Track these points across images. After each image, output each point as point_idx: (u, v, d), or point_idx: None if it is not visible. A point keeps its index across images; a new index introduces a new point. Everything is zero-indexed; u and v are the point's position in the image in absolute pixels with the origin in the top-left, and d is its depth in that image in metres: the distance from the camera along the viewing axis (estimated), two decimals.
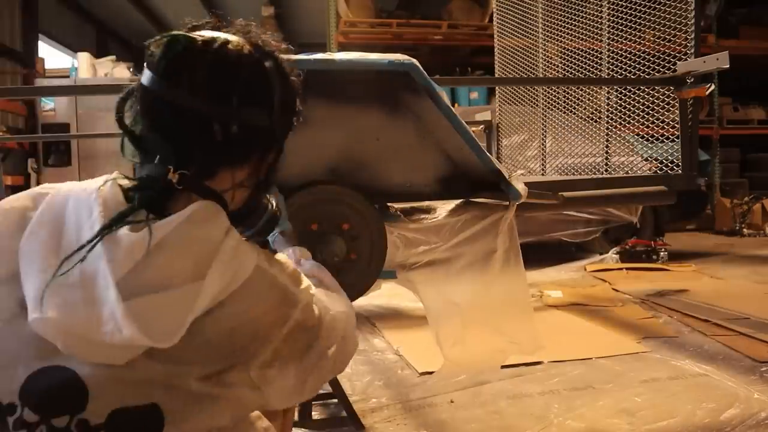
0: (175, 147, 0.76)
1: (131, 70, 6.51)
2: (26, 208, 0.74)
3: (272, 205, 0.95)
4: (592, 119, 3.19)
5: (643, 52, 2.72)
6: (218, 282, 0.70)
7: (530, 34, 3.70)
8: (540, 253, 4.82)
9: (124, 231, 0.69)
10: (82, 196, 0.73)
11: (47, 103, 6.23)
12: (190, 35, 0.80)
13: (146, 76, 0.77)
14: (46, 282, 0.66)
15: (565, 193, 2.04)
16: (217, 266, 0.70)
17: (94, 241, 0.68)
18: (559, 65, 3.43)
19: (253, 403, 0.77)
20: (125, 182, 0.76)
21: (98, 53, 7.26)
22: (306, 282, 0.84)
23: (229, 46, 0.80)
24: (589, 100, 3.22)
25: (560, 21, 3.34)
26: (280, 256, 0.85)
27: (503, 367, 2.32)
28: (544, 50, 3.57)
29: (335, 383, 1.92)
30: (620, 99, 2.90)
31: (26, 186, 6.13)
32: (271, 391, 0.77)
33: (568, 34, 3.29)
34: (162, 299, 0.67)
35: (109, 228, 0.69)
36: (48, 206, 0.73)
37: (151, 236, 0.68)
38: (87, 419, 0.67)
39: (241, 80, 0.78)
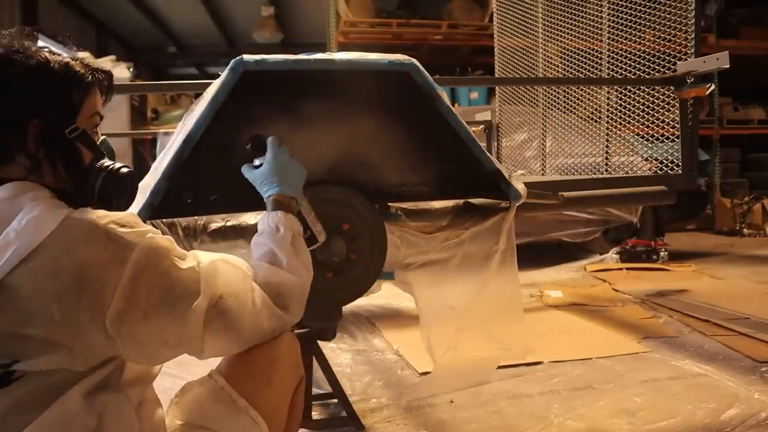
0: None
1: (131, 70, 6.50)
2: None
3: (107, 166, 0.95)
4: (592, 119, 3.19)
5: (643, 52, 2.72)
6: (13, 238, 0.75)
7: (530, 34, 3.70)
8: (540, 253, 4.82)
9: None
10: None
11: None
12: None
13: None
14: None
15: (565, 193, 2.04)
16: (11, 226, 0.76)
17: None
18: (559, 65, 3.43)
19: (108, 354, 0.80)
20: None
21: (98, 53, 7.27)
22: (144, 226, 0.85)
23: None
24: (589, 100, 3.22)
25: (560, 21, 3.35)
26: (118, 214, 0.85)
27: (503, 367, 2.33)
28: (544, 50, 3.58)
29: (335, 383, 1.92)
30: (620, 99, 2.90)
31: None
32: (129, 344, 0.80)
33: (568, 34, 3.29)
34: None
35: None
36: None
37: None
38: None
39: None
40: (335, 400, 1.98)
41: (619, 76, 2.88)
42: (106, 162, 0.95)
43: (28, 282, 0.75)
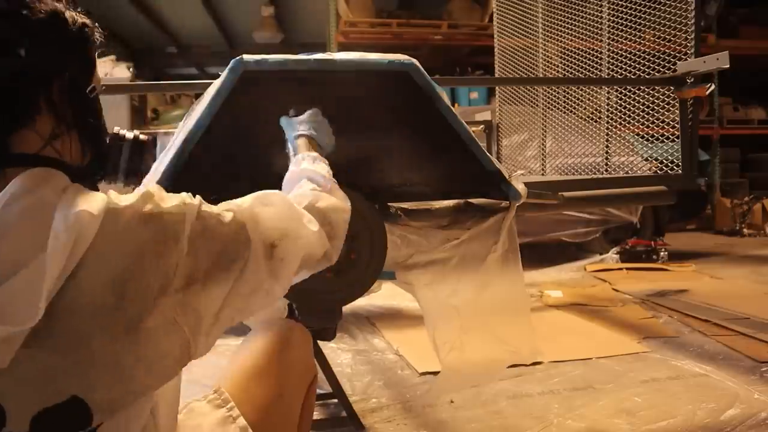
0: None
1: (131, 70, 6.50)
2: None
3: (129, 135, 0.88)
4: (592, 119, 3.19)
5: (643, 52, 2.72)
6: (63, 242, 0.63)
7: (530, 34, 3.70)
8: (540, 253, 4.82)
9: None
10: None
11: None
12: None
13: None
14: None
15: (565, 193, 2.04)
16: (56, 227, 0.64)
17: None
18: (559, 65, 3.43)
19: (173, 349, 0.70)
20: None
21: (98, 53, 7.25)
22: (179, 195, 0.75)
23: None
24: (589, 100, 3.22)
25: (560, 21, 3.34)
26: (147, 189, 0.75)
27: None
28: (544, 50, 3.58)
29: (335, 383, 1.92)
30: (620, 99, 2.90)
31: None
32: (194, 319, 0.71)
33: (568, 34, 3.29)
34: (11, 285, 0.62)
35: None
36: None
37: None
38: (12, 431, 0.63)
39: None
40: (335, 400, 1.98)
41: (619, 76, 2.88)
42: (123, 130, 0.88)
43: (84, 297, 0.64)
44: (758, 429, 1.84)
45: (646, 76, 2.68)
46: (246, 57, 1.36)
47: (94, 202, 0.67)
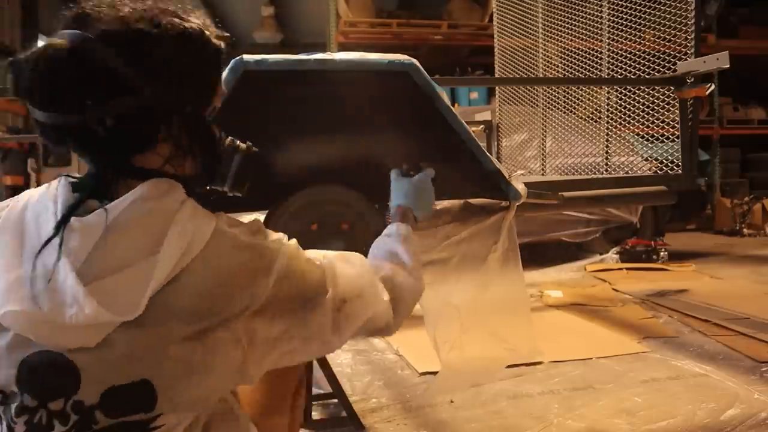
0: (84, 155, 0.78)
1: None
2: None
3: (242, 146, 0.92)
4: (592, 119, 3.19)
5: (643, 52, 2.72)
6: (175, 251, 0.71)
7: (530, 34, 3.70)
8: (540, 253, 4.83)
9: (77, 220, 0.71)
10: (38, 199, 0.76)
11: None
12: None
13: None
14: (10, 280, 0.69)
15: (565, 193, 2.04)
16: (172, 236, 0.71)
17: (51, 235, 0.70)
18: (559, 65, 3.43)
19: (234, 367, 0.76)
20: (75, 179, 0.78)
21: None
22: (279, 235, 0.82)
23: (50, 50, 0.73)
24: (589, 100, 3.22)
25: (560, 21, 3.34)
26: (251, 221, 0.83)
27: None
28: (544, 50, 3.57)
29: (335, 383, 1.92)
30: (620, 99, 2.90)
31: (26, 186, 6.13)
32: (252, 342, 0.75)
33: (568, 34, 3.29)
34: (121, 277, 0.69)
35: (63, 221, 0.71)
36: (6, 217, 0.75)
37: (106, 217, 0.70)
38: (82, 400, 0.69)
39: (76, 81, 0.73)
40: (335, 400, 1.98)
41: (619, 76, 2.88)
42: (237, 141, 0.92)
43: (177, 300, 0.71)
44: (758, 429, 1.84)
45: (646, 76, 2.68)
46: (246, 57, 1.36)
47: (206, 221, 0.75)
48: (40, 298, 0.67)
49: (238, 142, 0.92)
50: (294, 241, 0.84)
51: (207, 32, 0.82)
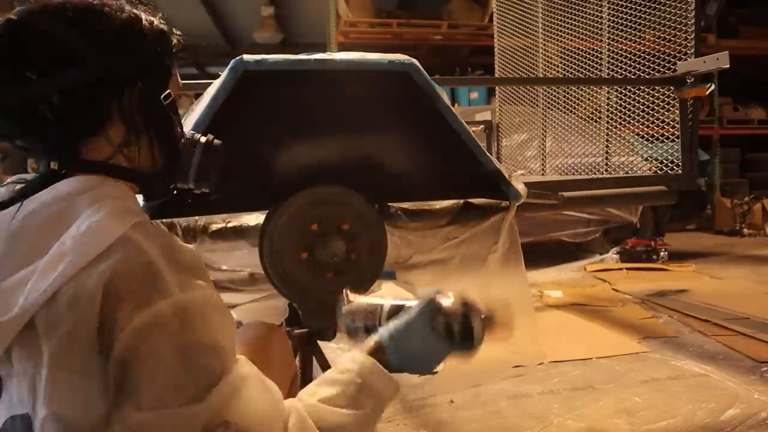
0: (29, 141, 0.75)
1: None
2: None
3: (202, 139, 0.86)
4: (592, 119, 3.19)
5: (643, 52, 2.72)
6: (66, 256, 0.63)
7: (530, 34, 3.70)
8: (540, 253, 4.82)
9: None
10: None
11: None
12: None
13: None
14: None
15: (565, 193, 2.04)
16: (68, 234, 0.64)
17: None
18: (559, 65, 3.43)
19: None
20: (22, 180, 0.75)
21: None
22: (199, 279, 0.68)
23: None
24: (589, 100, 3.22)
25: (560, 21, 3.34)
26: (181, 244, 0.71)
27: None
28: (544, 50, 3.57)
29: None
30: (620, 99, 2.90)
31: None
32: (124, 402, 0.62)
33: (568, 34, 3.29)
34: (13, 280, 0.64)
35: None
36: None
37: (14, 217, 0.67)
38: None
39: (18, 51, 0.71)
40: None
41: (619, 76, 2.88)
42: (197, 134, 0.87)
43: (57, 307, 0.62)
44: (758, 429, 1.84)
45: (646, 76, 2.68)
46: (246, 57, 1.37)
47: (113, 227, 0.65)
48: None
49: (198, 135, 0.87)
50: (222, 307, 0.70)
51: (154, 19, 0.81)
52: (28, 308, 0.62)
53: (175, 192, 0.86)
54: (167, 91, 0.81)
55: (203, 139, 0.87)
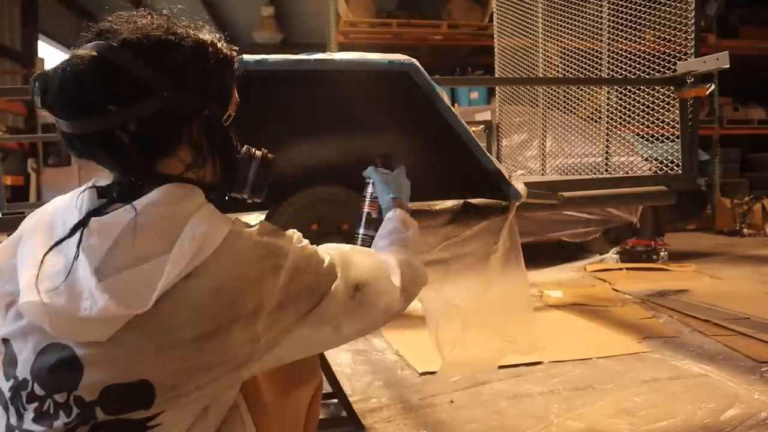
0: (107, 162, 0.81)
1: None
2: (19, 236, 0.83)
3: (258, 154, 0.96)
4: (592, 119, 3.19)
5: (643, 52, 2.72)
6: (187, 251, 0.74)
7: (530, 34, 3.70)
8: (540, 253, 4.82)
9: (96, 221, 0.76)
10: (67, 204, 0.82)
11: None
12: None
13: None
14: (35, 273, 0.74)
15: (565, 193, 2.04)
16: (185, 237, 0.74)
17: (68, 234, 0.75)
18: (559, 65, 3.43)
19: (240, 360, 0.77)
20: (101, 187, 0.82)
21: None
22: (292, 232, 0.85)
23: (76, 59, 0.77)
24: (589, 100, 3.22)
25: (560, 21, 3.34)
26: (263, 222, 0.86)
27: (503, 367, 2.33)
28: (544, 50, 3.57)
29: (335, 383, 1.92)
30: (620, 99, 2.90)
31: (26, 186, 6.13)
32: (274, 340, 0.78)
33: (568, 34, 3.29)
34: (134, 273, 0.73)
35: (82, 222, 0.75)
36: (39, 217, 0.83)
37: (134, 217, 0.74)
38: (82, 396, 0.72)
39: (101, 86, 0.77)
40: (335, 400, 1.98)
41: (619, 76, 2.88)
42: (253, 149, 0.96)
43: (188, 298, 0.73)
44: (758, 429, 1.84)
45: (646, 76, 2.68)
46: (246, 57, 1.36)
47: (220, 223, 0.78)
48: (61, 291, 0.72)
49: (254, 149, 0.96)
50: (306, 241, 0.86)
51: (219, 43, 0.87)
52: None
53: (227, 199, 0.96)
54: (228, 114, 0.89)
55: (258, 153, 0.96)
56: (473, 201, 1.83)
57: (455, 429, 1.89)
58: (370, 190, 1.28)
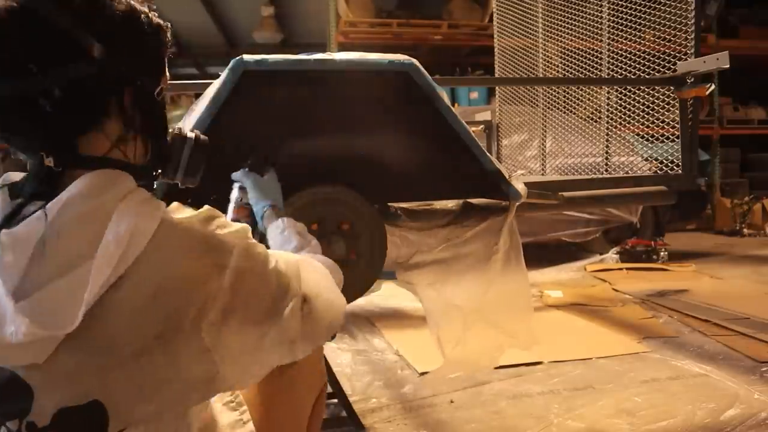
0: (26, 135, 0.72)
1: None
2: None
3: (191, 135, 0.88)
4: (592, 119, 3.19)
5: (643, 52, 2.72)
6: (112, 252, 0.64)
7: (530, 34, 3.70)
8: (540, 253, 4.82)
9: (6, 233, 0.66)
10: None
11: None
12: None
13: None
14: None
15: (565, 193, 2.04)
16: (108, 236, 0.65)
17: None
18: (559, 65, 3.43)
19: (202, 378, 0.70)
20: (18, 179, 0.73)
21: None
22: (237, 226, 0.75)
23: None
24: (589, 100, 3.22)
25: (560, 21, 3.34)
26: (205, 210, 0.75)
27: (503, 367, 2.33)
28: (544, 50, 3.57)
29: (335, 383, 1.92)
30: (620, 99, 2.90)
31: None
32: (227, 355, 0.70)
33: (568, 34, 3.29)
34: (55, 288, 0.64)
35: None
36: None
37: (45, 221, 0.65)
38: (34, 422, 0.66)
39: (22, 41, 0.67)
40: (335, 400, 1.98)
41: (619, 76, 2.88)
42: (186, 130, 0.88)
43: (123, 307, 0.65)
44: (758, 429, 1.84)
45: (646, 76, 2.68)
46: (246, 57, 1.37)
47: (150, 213, 0.68)
48: None
49: (186, 131, 0.88)
50: (249, 231, 0.77)
51: (151, 12, 0.80)
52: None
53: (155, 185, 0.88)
54: (160, 87, 0.81)
55: (191, 134, 0.88)
56: (473, 201, 1.83)
57: (455, 429, 1.89)
58: (236, 194, 1.18)
